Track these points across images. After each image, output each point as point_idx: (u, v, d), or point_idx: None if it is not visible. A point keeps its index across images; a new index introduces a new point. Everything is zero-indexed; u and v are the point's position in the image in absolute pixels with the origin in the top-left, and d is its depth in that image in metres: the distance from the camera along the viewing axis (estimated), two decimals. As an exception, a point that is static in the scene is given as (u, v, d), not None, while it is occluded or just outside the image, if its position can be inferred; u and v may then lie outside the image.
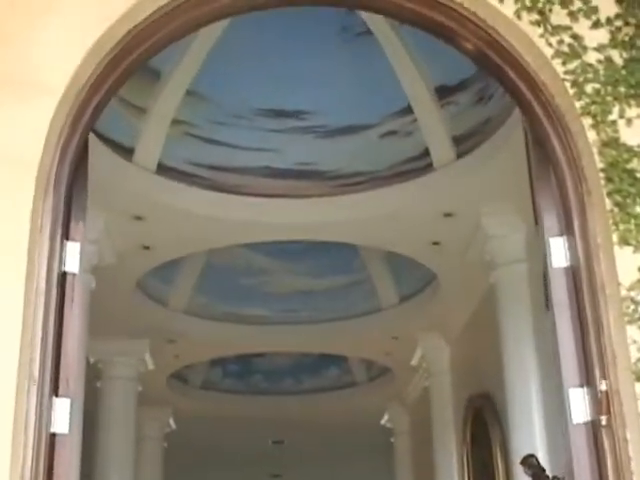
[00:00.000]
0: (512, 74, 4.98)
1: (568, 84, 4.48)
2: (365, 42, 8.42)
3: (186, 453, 16.28)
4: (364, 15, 8.14)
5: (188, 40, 8.03)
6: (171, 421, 15.39)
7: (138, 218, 8.54)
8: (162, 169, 8.46)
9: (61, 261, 4.42)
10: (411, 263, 10.53)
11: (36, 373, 3.99)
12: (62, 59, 4.40)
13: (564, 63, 4.49)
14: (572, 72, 4.40)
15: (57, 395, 4.18)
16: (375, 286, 11.72)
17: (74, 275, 4.48)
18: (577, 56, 4.42)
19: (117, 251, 8.97)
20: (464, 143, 8.28)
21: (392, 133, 8.76)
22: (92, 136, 7.66)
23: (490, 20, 4.63)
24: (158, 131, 8.35)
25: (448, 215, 8.68)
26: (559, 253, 4.57)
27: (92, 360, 11.45)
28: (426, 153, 8.57)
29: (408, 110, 8.57)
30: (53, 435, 4.12)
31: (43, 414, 4.03)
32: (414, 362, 12.58)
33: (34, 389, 3.95)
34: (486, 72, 5.30)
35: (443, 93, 8.35)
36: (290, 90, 8.73)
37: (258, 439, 17.08)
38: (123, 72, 4.98)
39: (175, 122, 8.48)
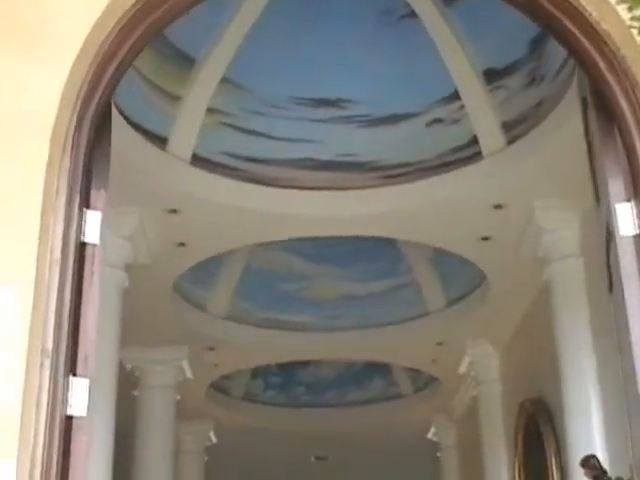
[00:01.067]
0: (570, 25, 4.58)
1: (635, 31, 4.05)
2: (408, 25, 8.03)
3: (227, 467, 15.83)
4: (409, -6, 7.74)
5: (223, 24, 7.71)
6: (212, 434, 14.94)
7: (173, 211, 8.17)
8: (197, 160, 8.09)
9: (80, 230, 4.06)
10: (459, 265, 10.08)
11: (49, 346, 3.61)
12: (81, 10, 4.03)
13: (630, 9, 4.08)
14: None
15: (75, 374, 3.80)
16: (421, 290, 11.24)
17: (94, 246, 4.13)
18: (646, 0, 4.02)
19: (152, 249, 8.59)
20: (515, 129, 7.82)
21: (438, 121, 8.32)
22: (124, 123, 7.41)
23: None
24: (193, 120, 8.00)
25: (498, 207, 8.21)
26: (627, 220, 4.14)
27: (128, 367, 11.08)
28: (474, 141, 8.12)
29: (455, 96, 8.14)
30: (70, 418, 3.74)
31: (58, 393, 3.65)
32: (462, 370, 12.07)
33: (47, 363, 3.57)
34: (539, 24, 4.85)
35: (492, 77, 7.90)
36: (330, 77, 8.35)
37: (300, 454, 16.61)
38: (148, 28, 4.63)
39: (210, 111, 8.12)
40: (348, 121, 8.51)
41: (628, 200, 4.16)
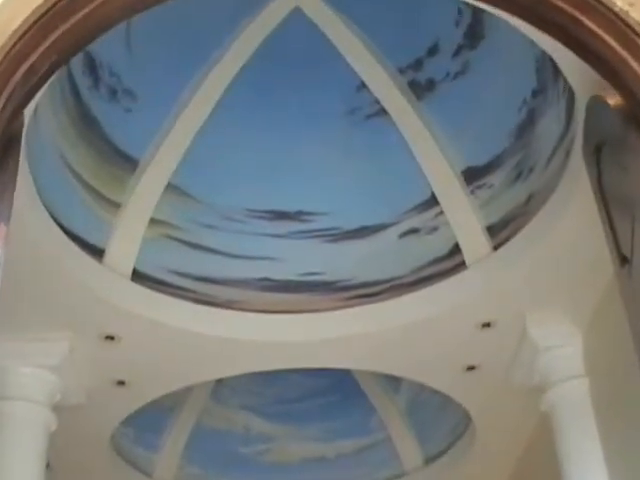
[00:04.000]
0: (588, 21, 3.77)
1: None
2: (377, 124, 7.25)
3: None
4: (377, 91, 6.97)
5: (169, 123, 6.85)
6: None
7: (110, 338, 6.99)
8: (139, 276, 7.01)
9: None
10: (437, 411, 8.94)
11: None
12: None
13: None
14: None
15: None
16: (396, 447, 9.93)
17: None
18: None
19: (84, 386, 7.34)
20: (501, 232, 6.90)
21: (413, 231, 7.38)
22: (56, 229, 6.38)
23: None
24: (134, 230, 6.98)
25: (486, 325, 7.14)
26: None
27: None
28: (456, 250, 7.16)
29: (431, 202, 7.25)
30: None
31: None
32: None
33: None
34: (546, 30, 4.00)
35: (472, 176, 7.04)
36: (290, 186, 7.47)
37: None
38: (65, 34, 3.71)
39: (154, 222, 7.13)
40: (311, 236, 7.54)
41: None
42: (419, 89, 7.08)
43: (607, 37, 3.81)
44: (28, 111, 5.09)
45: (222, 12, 6.78)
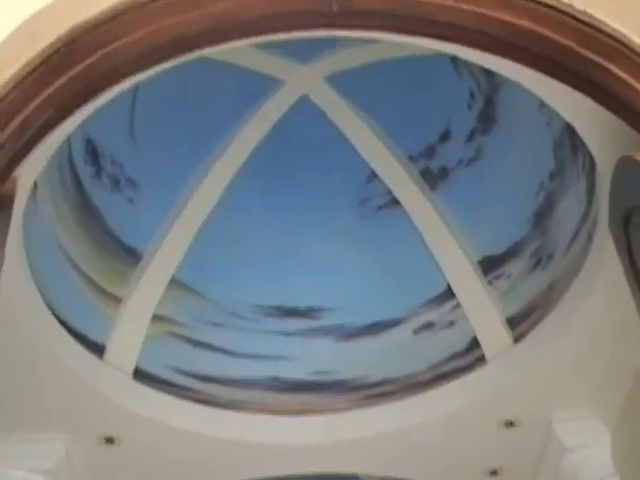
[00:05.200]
0: (619, 71, 3.55)
1: None
2: (389, 215, 6.99)
3: None
4: (388, 181, 6.77)
5: (172, 216, 6.63)
6: None
7: (109, 441, 6.57)
8: (141, 375, 6.65)
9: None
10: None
11: None
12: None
13: None
14: None
15: None
16: None
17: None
18: None
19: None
20: (523, 323, 6.55)
21: (429, 326, 7.04)
22: (55, 323, 6.06)
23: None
24: (136, 326, 6.65)
25: (509, 424, 6.72)
26: None
27: None
28: (475, 344, 6.80)
29: (447, 294, 6.94)
30: None
31: None
32: None
33: None
34: (572, 84, 3.77)
35: (490, 266, 6.75)
36: (298, 281, 7.15)
37: None
38: (61, 88, 3.51)
39: (157, 318, 6.80)
40: (322, 333, 7.20)
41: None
42: (432, 178, 6.88)
43: (637, 84, 3.59)
44: (25, 191, 4.88)
45: (227, 100, 6.65)
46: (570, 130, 5.32)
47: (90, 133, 6.08)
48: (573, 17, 3.43)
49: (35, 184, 5.06)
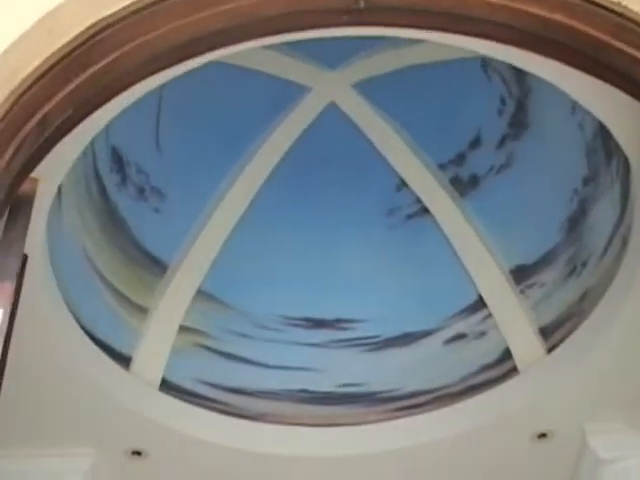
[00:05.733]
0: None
1: None
2: (418, 225, 6.89)
3: None
4: (418, 189, 6.66)
5: (198, 225, 6.56)
6: None
7: (137, 454, 6.48)
8: (167, 386, 6.56)
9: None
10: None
11: None
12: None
13: None
14: None
15: None
16: None
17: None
18: None
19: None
20: (556, 333, 6.41)
21: (460, 337, 6.90)
22: (81, 334, 6.00)
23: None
24: (163, 338, 6.57)
25: (542, 436, 6.57)
26: None
27: None
28: (507, 355, 6.66)
29: (478, 305, 6.81)
30: None
31: None
32: None
33: None
34: (611, 81, 3.63)
35: (522, 275, 6.62)
36: (327, 292, 7.05)
37: None
38: (80, 87, 3.43)
39: (184, 329, 6.72)
40: (351, 344, 7.08)
41: None
42: (462, 186, 6.77)
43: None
44: (49, 197, 4.83)
45: (254, 108, 6.59)
46: (603, 134, 5.20)
47: (115, 141, 6.03)
48: (608, 9, 3.30)
49: (59, 192, 5.01)
